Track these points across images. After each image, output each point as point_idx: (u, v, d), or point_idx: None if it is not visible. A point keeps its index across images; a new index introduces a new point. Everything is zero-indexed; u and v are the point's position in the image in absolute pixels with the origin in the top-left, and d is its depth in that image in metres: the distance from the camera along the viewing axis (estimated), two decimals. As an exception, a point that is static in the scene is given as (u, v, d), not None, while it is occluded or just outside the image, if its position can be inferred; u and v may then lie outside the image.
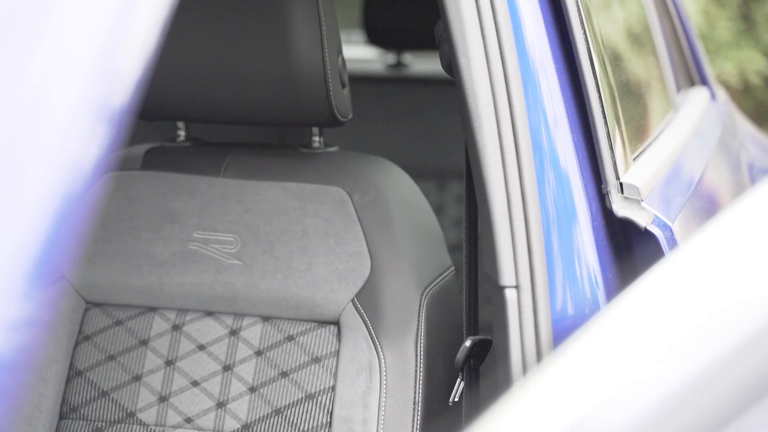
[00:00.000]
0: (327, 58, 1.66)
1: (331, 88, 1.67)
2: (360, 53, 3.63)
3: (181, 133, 1.85)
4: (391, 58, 3.31)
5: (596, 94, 1.54)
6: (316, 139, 1.80)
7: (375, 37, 3.16)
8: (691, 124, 2.29)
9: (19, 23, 0.78)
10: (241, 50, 1.68)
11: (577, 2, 1.57)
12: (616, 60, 1.86)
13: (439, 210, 2.98)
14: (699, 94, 2.68)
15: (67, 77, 0.79)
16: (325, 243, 1.70)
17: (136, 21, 0.83)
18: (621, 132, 1.66)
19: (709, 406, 0.86)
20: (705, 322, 0.90)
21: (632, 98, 1.93)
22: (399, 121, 3.06)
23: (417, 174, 3.00)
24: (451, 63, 1.45)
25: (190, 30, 1.69)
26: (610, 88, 1.67)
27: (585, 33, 1.55)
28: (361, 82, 3.05)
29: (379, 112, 3.05)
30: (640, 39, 2.21)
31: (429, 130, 3.04)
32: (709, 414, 0.86)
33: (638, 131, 1.86)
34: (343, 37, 3.92)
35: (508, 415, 0.88)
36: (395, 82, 3.20)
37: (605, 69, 1.66)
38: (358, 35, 3.59)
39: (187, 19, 1.69)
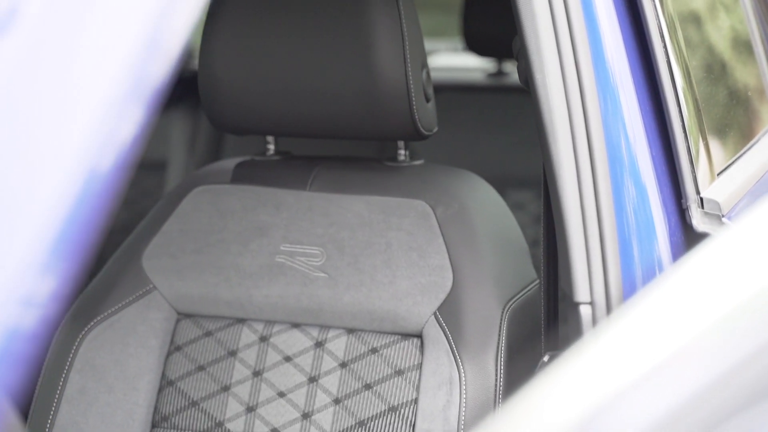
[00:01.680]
0: (410, 73, 1.67)
1: (414, 103, 1.69)
2: (463, 62, 3.63)
3: (271, 147, 1.88)
4: (492, 66, 3.31)
5: (676, 107, 1.53)
6: (402, 152, 1.81)
7: (474, 45, 3.17)
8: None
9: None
10: (327, 66, 1.70)
11: (656, 13, 1.56)
12: (705, 70, 1.84)
13: (538, 219, 2.97)
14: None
15: (107, 52, 0.80)
16: (408, 256, 1.71)
17: None
18: (705, 145, 1.65)
19: None
20: None
21: (722, 110, 1.90)
22: (498, 130, 3.06)
23: (517, 183, 3.00)
24: (527, 78, 1.46)
25: (277, 47, 1.72)
26: (695, 100, 1.65)
27: (665, 43, 1.54)
28: (462, 91, 3.06)
29: (478, 121, 3.05)
30: (735, 47, 2.18)
31: (528, 140, 3.04)
32: None
33: (726, 144, 1.84)
34: (448, 45, 3.93)
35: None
36: (495, 91, 3.20)
37: (689, 80, 1.65)
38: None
39: (274, 37, 1.71)
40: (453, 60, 3.69)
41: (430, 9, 4.37)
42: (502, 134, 3.05)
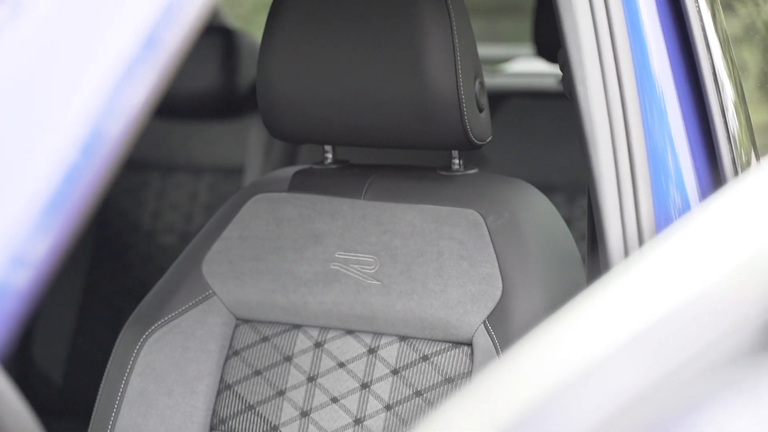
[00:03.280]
0: (461, 83, 1.69)
1: (465, 113, 1.70)
2: (540, 67, 3.63)
3: (329, 156, 1.91)
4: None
5: (722, 119, 1.53)
6: (456, 161, 1.83)
7: (544, 51, 3.17)
8: None
9: None
10: (380, 76, 1.72)
11: (702, 25, 1.56)
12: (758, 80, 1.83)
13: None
14: None
15: (119, 11, 0.80)
16: (458, 265, 1.73)
17: None
18: (756, 158, 1.64)
19: None
20: None
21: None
22: (571, 136, 3.05)
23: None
24: (570, 90, 1.47)
25: (332, 57, 1.75)
26: (746, 112, 1.65)
27: (711, 55, 1.54)
28: (535, 97, 3.06)
29: (549, 127, 3.05)
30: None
31: None
32: None
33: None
34: (528, 50, 3.93)
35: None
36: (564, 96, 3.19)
37: (739, 91, 1.65)
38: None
39: (329, 48, 1.74)
40: (529, 66, 3.69)
41: (510, 14, 4.37)
42: (574, 140, 3.04)
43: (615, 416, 0.83)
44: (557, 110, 3.10)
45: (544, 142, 3.02)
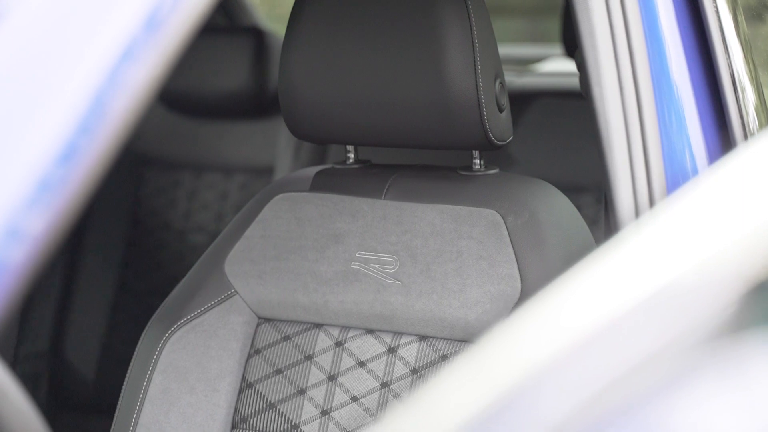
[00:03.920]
0: (480, 84, 1.69)
1: (485, 113, 1.71)
2: (571, 67, 3.63)
3: (351, 156, 1.92)
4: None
5: (740, 122, 1.52)
6: (476, 161, 1.84)
7: (572, 51, 3.17)
8: None
9: None
10: (400, 77, 1.73)
11: (721, 27, 1.55)
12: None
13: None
14: None
15: None
16: (478, 265, 1.74)
17: None
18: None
19: None
20: None
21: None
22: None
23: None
24: (587, 90, 1.47)
25: (352, 58, 1.75)
26: (765, 112, 1.64)
27: (729, 57, 1.54)
28: (564, 96, 3.06)
29: (578, 126, 3.05)
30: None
31: None
32: None
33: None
34: (558, 50, 3.93)
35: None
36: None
37: (759, 93, 1.64)
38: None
39: (349, 48, 1.75)
40: (560, 65, 3.69)
41: (547, 14, 4.36)
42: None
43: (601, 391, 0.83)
44: (587, 110, 3.10)
45: (573, 142, 3.01)
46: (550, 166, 2.90)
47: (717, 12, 1.54)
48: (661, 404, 0.82)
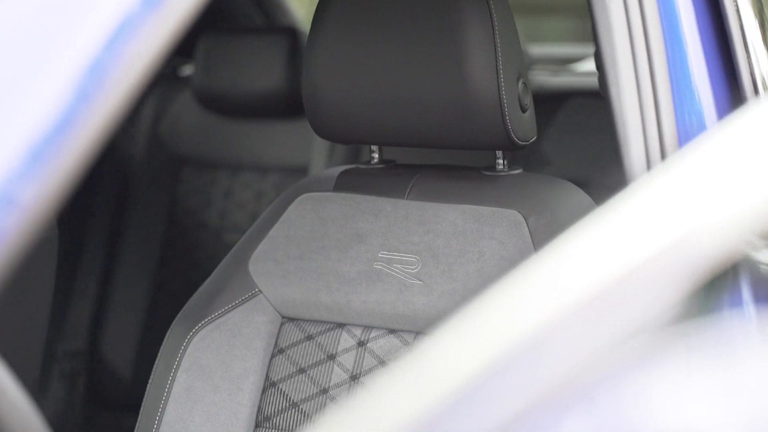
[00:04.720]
0: (503, 84, 1.69)
1: (507, 114, 1.70)
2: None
3: (375, 156, 1.92)
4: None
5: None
6: (500, 161, 1.83)
7: None
8: None
9: None
10: (423, 77, 1.73)
11: (741, 25, 1.54)
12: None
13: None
14: None
15: None
16: (499, 265, 1.73)
17: None
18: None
19: None
20: None
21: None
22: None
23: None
24: (604, 90, 1.46)
25: (375, 58, 1.76)
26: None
27: (749, 58, 1.52)
28: (596, 96, 3.04)
29: (609, 126, 3.03)
30: None
31: None
32: None
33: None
34: (588, 50, 3.91)
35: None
36: None
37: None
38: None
39: (372, 48, 1.76)
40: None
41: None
42: None
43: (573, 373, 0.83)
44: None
45: (607, 142, 3.00)
46: (583, 165, 2.89)
47: (737, 11, 1.53)
48: (638, 382, 0.82)
